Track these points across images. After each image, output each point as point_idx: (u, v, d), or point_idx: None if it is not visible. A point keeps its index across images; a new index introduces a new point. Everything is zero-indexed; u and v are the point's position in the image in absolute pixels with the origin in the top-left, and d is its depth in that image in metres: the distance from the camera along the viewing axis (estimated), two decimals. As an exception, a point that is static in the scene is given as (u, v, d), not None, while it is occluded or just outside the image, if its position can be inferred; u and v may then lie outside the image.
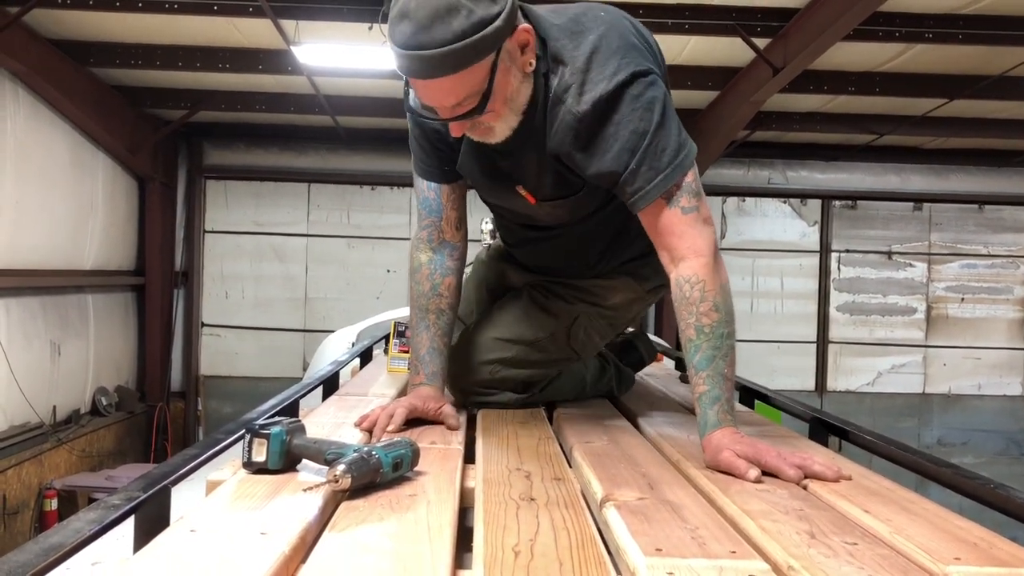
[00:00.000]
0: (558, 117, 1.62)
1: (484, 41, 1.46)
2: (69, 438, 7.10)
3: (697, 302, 1.54)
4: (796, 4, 5.41)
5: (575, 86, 1.60)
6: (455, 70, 1.46)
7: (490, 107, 1.54)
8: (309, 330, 9.20)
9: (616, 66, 1.59)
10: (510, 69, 1.55)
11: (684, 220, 1.58)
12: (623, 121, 1.58)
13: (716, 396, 1.50)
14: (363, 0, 5.48)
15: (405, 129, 6.60)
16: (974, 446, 9.51)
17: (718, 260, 1.59)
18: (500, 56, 1.51)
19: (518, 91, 1.60)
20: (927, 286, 9.56)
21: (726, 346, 1.53)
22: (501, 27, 1.48)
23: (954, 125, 7.85)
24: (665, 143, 1.58)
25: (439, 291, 1.90)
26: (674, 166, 1.58)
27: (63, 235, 7.25)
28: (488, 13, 1.46)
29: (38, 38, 6.25)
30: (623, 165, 1.59)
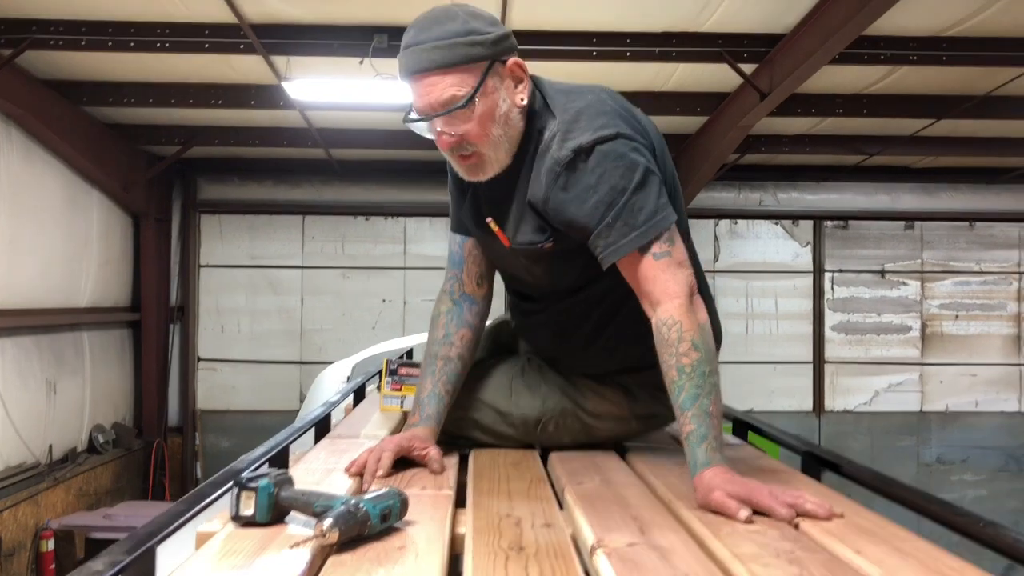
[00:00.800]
0: (544, 165, 1.67)
1: (473, 46, 1.60)
2: (66, 477, 7.07)
3: (675, 343, 1.55)
4: (781, 30, 5.47)
5: (560, 134, 1.65)
6: (444, 64, 1.59)
7: (475, 118, 1.62)
8: (305, 362, 9.19)
9: (603, 123, 1.64)
10: (498, 91, 1.64)
11: (656, 266, 1.60)
12: (604, 175, 1.61)
13: (703, 434, 1.50)
14: (353, 35, 5.52)
15: (397, 159, 6.68)
16: (973, 463, 9.49)
17: (695, 301, 1.60)
18: (489, 73, 1.62)
19: (506, 121, 1.66)
20: (921, 304, 9.58)
21: (708, 384, 1.53)
22: (492, 43, 1.62)
23: (942, 144, 7.91)
24: (643, 204, 1.61)
25: (451, 340, 1.93)
26: (649, 225, 1.61)
27: (58, 273, 7.25)
28: (482, 28, 1.63)
29: (31, 79, 6.29)
30: (598, 218, 1.62)
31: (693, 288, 1.61)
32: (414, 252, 9.43)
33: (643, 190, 1.62)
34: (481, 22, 1.65)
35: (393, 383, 2.49)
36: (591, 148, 1.62)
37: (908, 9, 4.81)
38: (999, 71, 5.92)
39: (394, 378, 2.49)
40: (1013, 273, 9.62)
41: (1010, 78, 5.99)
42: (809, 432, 9.16)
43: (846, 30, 4.68)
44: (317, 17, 5.43)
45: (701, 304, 1.61)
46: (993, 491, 9.45)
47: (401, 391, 2.47)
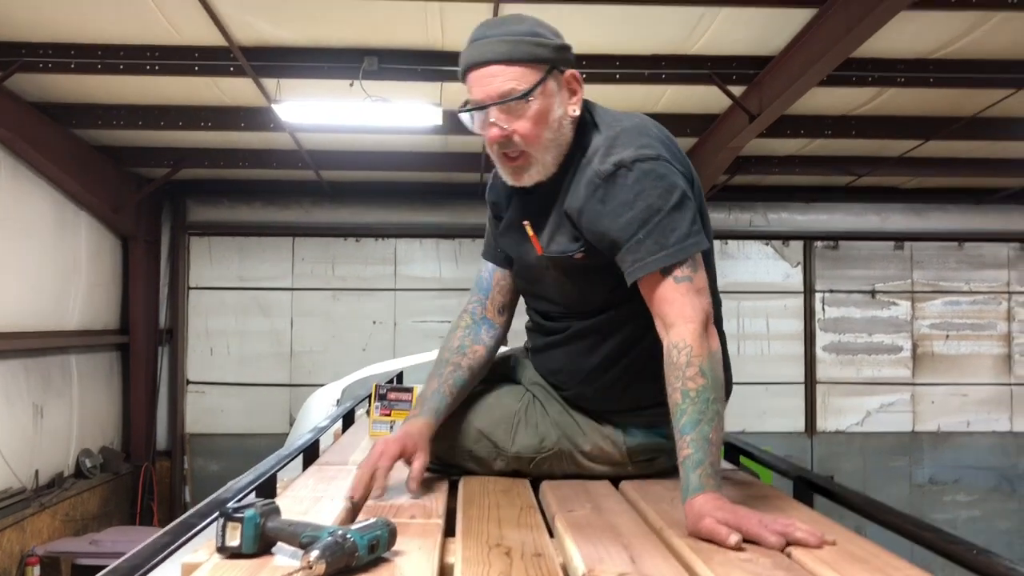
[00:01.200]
0: (584, 177, 1.70)
1: (538, 47, 1.68)
2: (52, 502, 6.99)
3: (683, 367, 1.55)
4: (769, 52, 5.51)
5: (603, 149, 1.69)
6: (506, 56, 1.66)
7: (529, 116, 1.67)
8: (295, 384, 9.14)
9: (646, 143, 1.68)
10: (554, 98, 1.70)
11: (677, 288, 1.61)
12: (642, 193, 1.64)
13: (699, 460, 1.49)
14: (343, 58, 5.54)
15: (387, 181, 6.68)
16: (966, 484, 9.49)
17: (709, 329, 1.60)
18: (549, 77, 1.68)
19: (558, 127, 1.71)
20: (911, 324, 9.61)
21: (711, 411, 1.52)
22: (555, 49, 1.70)
23: (931, 165, 7.96)
24: (676, 225, 1.63)
25: (464, 351, 1.95)
26: (679, 247, 1.62)
27: (46, 296, 7.21)
28: (547, 35, 1.71)
29: (20, 102, 6.28)
30: (630, 234, 1.63)
31: (709, 316, 1.62)
32: (404, 273, 9.42)
33: (678, 212, 1.64)
34: (546, 30, 1.72)
35: (382, 408, 2.47)
36: (632, 164, 1.65)
37: (895, 32, 4.85)
38: (985, 93, 5.97)
39: (383, 403, 2.48)
40: (1002, 293, 9.66)
41: (996, 100, 6.04)
42: (801, 453, 9.14)
43: (834, 52, 4.71)
44: (307, 40, 5.45)
45: (715, 333, 1.62)
46: (986, 512, 9.44)
47: (390, 416, 2.45)
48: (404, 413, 2.41)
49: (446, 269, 9.45)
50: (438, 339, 9.09)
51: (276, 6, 4.90)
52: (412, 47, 5.51)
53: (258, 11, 4.96)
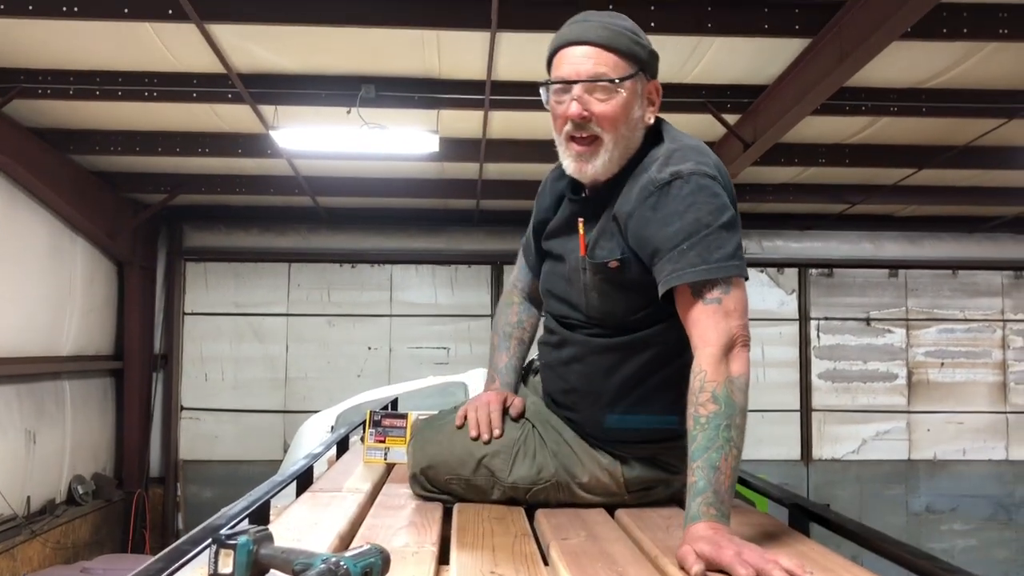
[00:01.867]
0: (639, 183, 1.70)
1: (636, 45, 1.72)
2: (43, 530, 6.93)
3: (697, 392, 1.53)
4: (764, 81, 5.55)
5: (662, 159, 1.69)
6: (606, 42, 1.69)
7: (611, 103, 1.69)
8: (289, 411, 9.11)
9: (705, 161, 1.68)
10: (637, 98, 1.72)
11: (704, 310, 1.59)
12: (694, 206, 1.63)
13: (702, 488, 1.47)
14: (340, 85, 5.58)
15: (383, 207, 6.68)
16: (962, 512, 9.45)
17: (731, 354, 1.56)
18: (638, 77, 1.72)
19: (633, 126, 1.73)
20: (907, 352, 9.61)
21: (722, 438, 1.49)
22: (649, 55, 1.75)
23: (924, 193, 8.01)
24: (722, 244, 1.62)
25: (524, 325, 2.13)
26: (721, 265, 1.60)
27: (40, 321, 7.19)
28: (644, 39, 1.75)
29: (18, 127, 6.30)
30: (675, 243, 1.62)
31: (735, 340, 1.57)
32: (400, 299, 9.42)
33: (726, 232, 1.63)
34: (645, 38, 1.76)
35: (377, 435, 2.43)
36: (688, 177, 1.64)
37: (888, 62, 4.91)
38: (977, 122, 6.02)
39: (377, 429, 2.43)
40: (997, 321, 9.68)
41: (988, 129, 6.09)
42: (797, 481, 9.11)
43: (827, 82, 4.76)
44: (305, 67, 5.49)
45: (740, 358, 1.57)
46: (983, 541, 9.39)
47: (384, 443, 2.41)
48: (399, 440, 2.37)
49: (442, 295, 9.45)
50: (433, 365, 9.12)
51: (274, 34, 4.94)
52: (409, 75, 5.55)
53: (256, 38, 5.00)
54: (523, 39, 4.84)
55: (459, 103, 5.75)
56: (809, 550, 1.56)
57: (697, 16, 4.61)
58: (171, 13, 4.48)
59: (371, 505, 1.97)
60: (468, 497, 1.96)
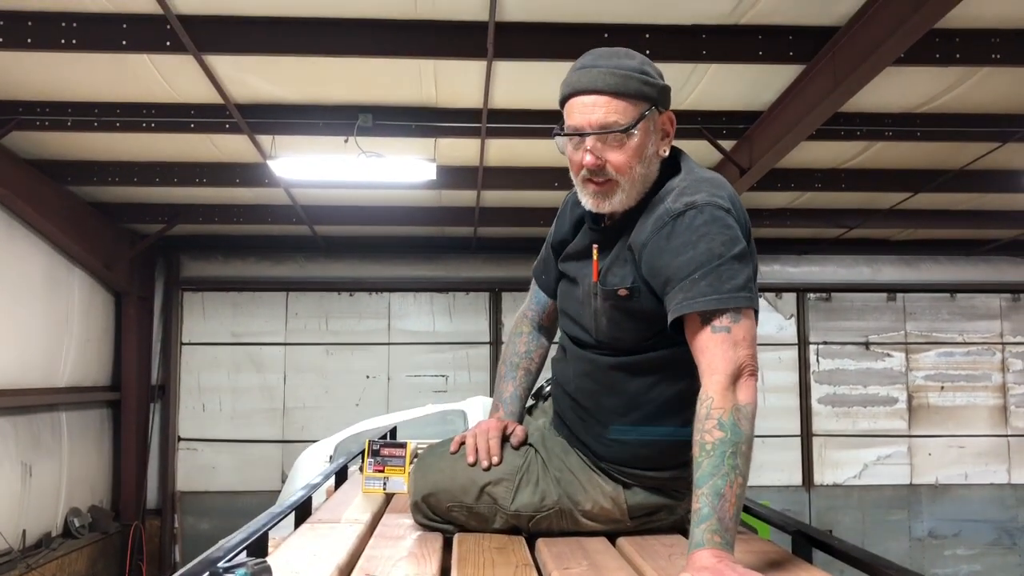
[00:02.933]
0: (655, 214, 1.71)
1: (644, 86, 1.71)
2: (39, 563, 6.85)
3: (703, 419, 1.53)
4: (759, 107, 5.58)
5: (678, 190, 1.71)
6: (614, 89, 1.69)
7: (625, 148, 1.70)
8: (288, 440, 9.06)
9: (720, 194, 1.69)
10: (649, 136, 1.73)
11: (713, 339, 1.59)
12: (707, 236, 1.64)
13: (706, 515, 1.45)
14: (338, 115, 5.60)
15: (381, 236, 6.70)
16: (965, 537, 9.38)
17: (739, 383, 1.56)
18: (649, 115, 1.72)
19: (648, 163, 1.74)
20: (906, 375, 9.59)
21: (727, 466, 1.48)
22: (659, 90, 1.74)
23: (921, 217, 8.03)
24: (734, 275, 1.62)
25: (531, 355, 2.15)
26: (732, 296, 1.60)
27: (37, 353, 7.17)
28: (654, 74, 1.74)
29: (16, 159, 6.32)
30: (687, 272, 1.62)
31: (742, 369, 1.57)
32: (398, 328, 9.40)
33: (738, 263, 1.63)
34: (653, 69, 1.75)
35: (375, 464, 2.40)
36: (703, 207, 1.66)
37: (882, 87, 4.94)
38: (971, 146, 6.06)
39: (376, 459, 2.41)
40: (996, 344, 9.67)
41: (983, 153, 6.12)
42: (800, 507, 9.05)
43: (822, 107, 4.78)
44: (302, 97, 5.51)
45: (747, 386, 1.56)
46: (987, 566, 9.32)
47: (383, 472, 2.38)
48: (398, 469, 2.36)
49: (440, 323, 9.44)
50: (432, 393, 9.08)
51: (271, 64, 4.96)
52: (406, 104, 5.58)
53: (254, 69, 5.03)
54: (519, 67, 4.87)
55: (456, 131, 5.78)
56: (813, 578, 1.54)
57: (692, 43, 4.65)
58: (169, 45, 4.51)
59: (370, 536, 1.95)
60: (470, 525, 1.94)
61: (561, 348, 2.02)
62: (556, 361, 2.05)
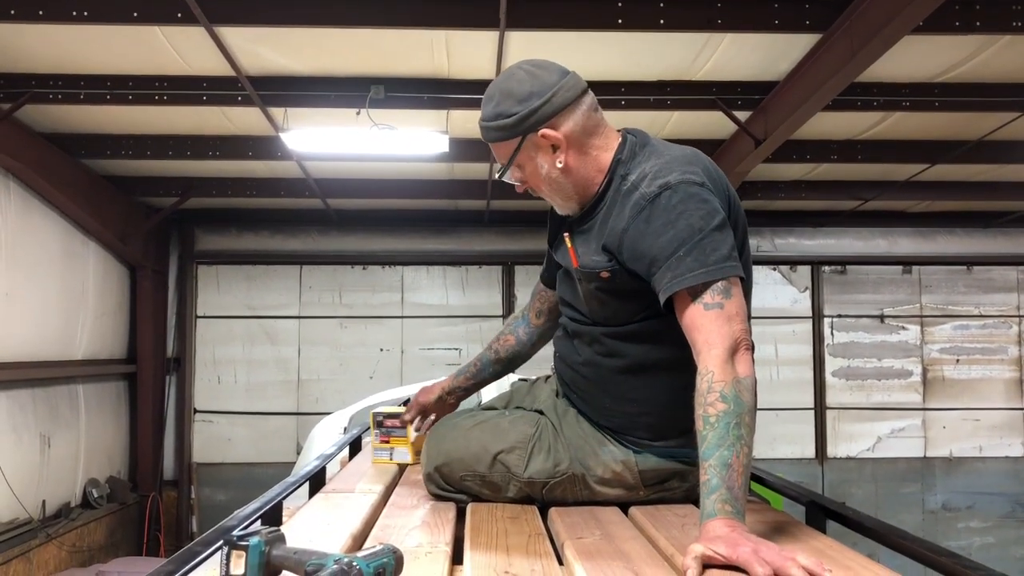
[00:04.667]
0: (631, 201, 1.74)
1: (500, 130, 1.83)
2: (59, 533, 6.96)
3: (705, 393, 1.54)
4: (774, 77, 5.52)
5: (652, 174, 1.73)
6: (488, 140, 1.88)
7: (526, 175, 1.87)
8: (302, 413, 9.12)
9: (692, 170, 1.72)
10: (534, 158, 1.84)
11: (706, 315, 1.60)
12: (684, 213, 1.66)
13: (715, 486, 1.46)
14: (350, 87, 5.58)
15: (394, 209, 6.69)
16: (979, 510, 9.38)
17: (736, 355, 1.58)
18: (522, 147, 1.83)
19: (552, 181, 1.85)
20: (921, 348, 9.55)
21: (733, 436, 1.49)
22: (516, 124, 1.81)
23: (938, 188, 7.95)
24: (717, 246, 1.64)
25: (500, 338, 2.34)
26: (719, 267, 1.62)
27: (54, 326, 7.22)
28: (507, 111, 1.81)
29: (30, 132, 6.33)
30: (671, 251, 1.65)
31: (738, 343, 1.59)
32: (411, 301, 9.41)
33: (719, 234, 1.65)
34: (510, 102, 1.81)
35: (381, 435, 2.47)
36: (676, 186, 1.68)
37: (900, 56, 4.87)
38: (990, 116, 5.97)
39: (381, 431, 2.46)
40: (1012, 316, 9.61)
41: (1002, 123, 6.04)
42: (812, 479, 9.06)
43: (838, 77, 4.72)
44: (314, 69, 5.49)
45: (745, 360, 1.59)
46: (1000, 538, 9.32)
47: (389, 443, 2.45)
48: (402, 439, 2.45)
49: (453, 296, 9.45)
50: (445, 366, 9.16)
51: (283, 36, 4.94)
52: (418, 75, 5.54)
53: (265, 41, 5.00)
54: (532, 37, 4.82)
55: (469, 103, 5.74)
56: (826, 547, 1.54)
57: (707, 13, 4.59)
58: (180, 17, 4.49)
59: (384, 505, 1.97)
60: (483, 494, 1.96)
61: (562, 327, 2.06)
62: (558, 338, 2.09)
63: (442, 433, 2.04)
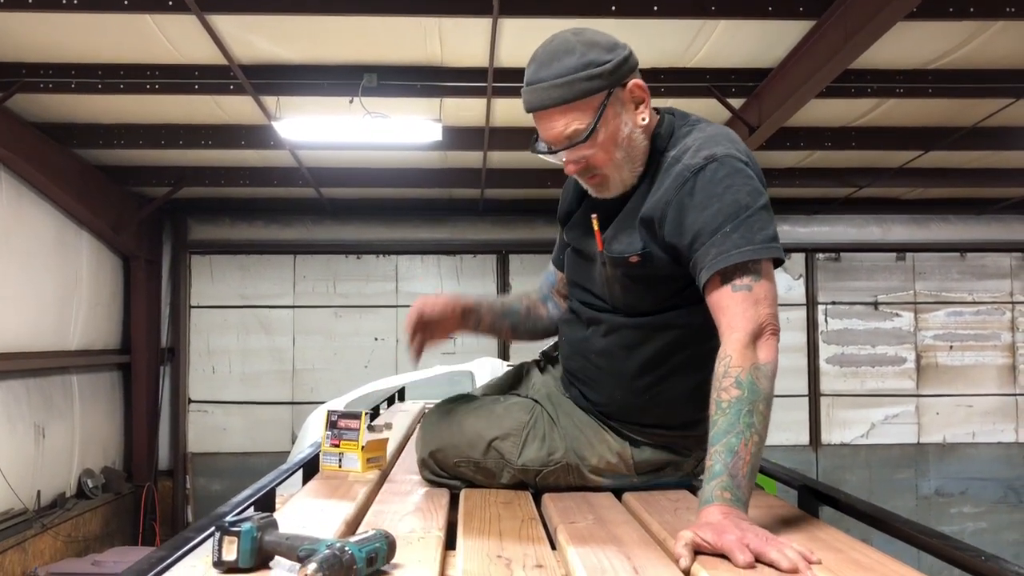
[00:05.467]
0: (672, 174, 1.68)
1: (591, 80, 1.64)
2: (54, 523, 6.96)
3: (721, 377, 1.51)
4: (768, 64, 5.51)
5: (695, 147, 1.67)
6: (564, 100, 1.65)
7: (598, 144, 1.68)
8: (297, 402, 9.12)
9: (737, 148, 1.67)
10: (620, 115, 1.68)
11: (732, 297, 1.57)
12: (731, 188, 1.61)
13: (718, 472, 1.45)
14: (343, 75, 5.56)
15: (388, 198, 6.67)
16: (972, 495, 9.43)
17: (759, 341, 1.54)
18: (610, 100, 1.66)
19: (631, 142, 1.71)
20: (915, 335, 9.57)
21: (743, 424, 1.47)
22: (610, 73, 1.65)
23: (932, 175, 7.96)
24: (764, 225, 1.60)
25: (523, 296, 2.18)
26: (765, 247, 1.58)
27: (47, 316, 7.20)
28: (599, 59, 1.65)
29: (21, 122, 6.30)
30: (715, 226, 1.59)
31: (763, 327, 1.55)
32: (406, 290, 9.41)
33: (766, 213, 1.62)
34: (598, 51, 1.66)
35: (332, 438, 2.12)
36: (723, 159, 1.63)
37: (893, 43, 4.86)
38: (984, 102, 5.97)
39: (333, 432, 2.12)
40: (1006, 303, 9.63)
41: (995, 109, 6.04)
42: (806, 466, 9.09)
43: (832, 64, 4.72)
44: (306, 58, 5.46)
45: (768, 345, 1.55)
46: (993, 523, 9.37)
47: (339, 447, 2.11)
48: (351, 444, 2.09)
49: (447, 285, 9.44)
50: (440, 355, 9.06)
51: (275, 24, 4.91)
52: (411, 63, 5.52)
53: (257, 29, 4.98)
54: (525, 25, 4.80)
55: (462, 91, 5.73)
56: (819, 531, 1.55)
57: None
58: (171, 4, 4.47)
59: (377, 492, 1.97)
60: (477, 481, 1.96)
61: (571, 311, 2.00)
62: (565, 323, 2.03)
63: (436, 419, 2.04)
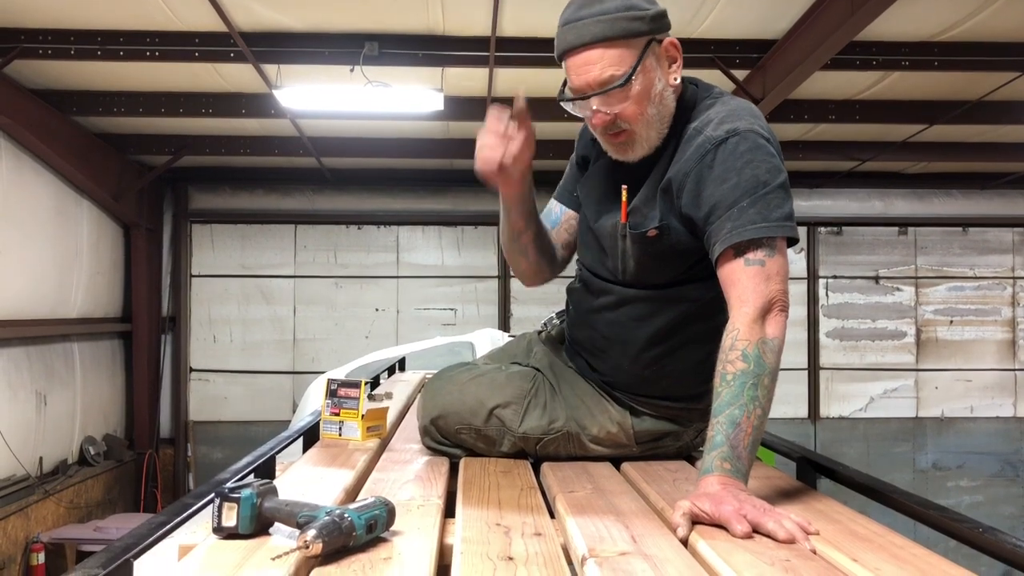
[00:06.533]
0: (693, 145, 1.67)
1: (634, 21, 1.62)
2: (56, 489, 7.01)
3: (727, 349, 1.52)
4: (773, 36, 5.47)
5: (717, 121, 1.67)
6: (604, 38, 1.61)
7: (632, 96, 1.64)
8: (298, 372, 9.15)
9: (760, 123, 1.67)
10: (655, 70, 1.67)
11: (746, 272, 1.57)
12: (752, 163, 1.61)
13: (719, 443, 1.45)
14: (344, 43, 5.51)
15: (389, 168, 6.62)
16: (969, 469, 9.48)
17: (768, 316, 1.55)
18: (648, 51, 1.64)
19: (662, 100, 1.69)
20: (915, 310, 9.58)
21: (747, 397, 1.47)
22: (651, 19, 1.65)
23: (935, 149, 7.91)
24: (781, 203, 1.61)
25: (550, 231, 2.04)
26: (780, 224, 1.59)
27: (48, 284, 7.21)
28: (641, 4, 1.65)
29: (20, 89, 6.26)
30: (733, 200, 1.60)
31: (773, 303, 1.56)
32: (407, 261, 9.40)
33: (784, 191, 1.62)
34: (643, 2, 1.66)
35: (332, 406, 2.11)
36: (746, 134, 1.63)
37: (899, 14, 4.81)
38: (990, 76, 5.92)
39: (333, 400, 2.12)
40: (1007, 278, 9.63)
41: (1001, 83, 5.99)
42: (805, 439, 9.14)
43: (838, 35, 4.68)
44: (307, 25, 5.42)
45: (776, 320, 1.55)
46: (989, 497, 9.43)
47: (339, 416, 2.11)
48: (351, 412, 2.09)
49: (448, 256, 9.43)
50: (441, 326, 9.11)
51: (276, -10, 4.87)
52: (413, 32, 5.48)
53: (258, -4, 4.93)
54: (528, -6, 4.77)
55: (464, 60, 5.68)
56: (817, 502, 1.56)
57: (705, -32, 4.54)
58: (171, -30, 4.42)
59: (377, 460, 1.98)
60: (478, 448, 1.97)
61: (579, 279, 1.99)
62: (574, 291, 2.02)
63: (438, 386, 2.04)
